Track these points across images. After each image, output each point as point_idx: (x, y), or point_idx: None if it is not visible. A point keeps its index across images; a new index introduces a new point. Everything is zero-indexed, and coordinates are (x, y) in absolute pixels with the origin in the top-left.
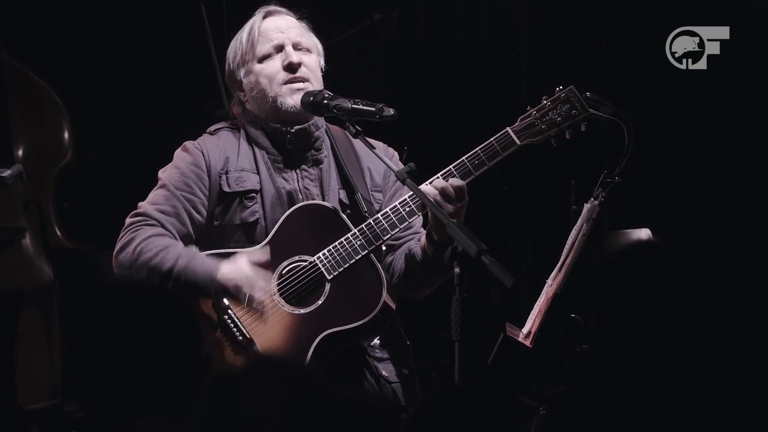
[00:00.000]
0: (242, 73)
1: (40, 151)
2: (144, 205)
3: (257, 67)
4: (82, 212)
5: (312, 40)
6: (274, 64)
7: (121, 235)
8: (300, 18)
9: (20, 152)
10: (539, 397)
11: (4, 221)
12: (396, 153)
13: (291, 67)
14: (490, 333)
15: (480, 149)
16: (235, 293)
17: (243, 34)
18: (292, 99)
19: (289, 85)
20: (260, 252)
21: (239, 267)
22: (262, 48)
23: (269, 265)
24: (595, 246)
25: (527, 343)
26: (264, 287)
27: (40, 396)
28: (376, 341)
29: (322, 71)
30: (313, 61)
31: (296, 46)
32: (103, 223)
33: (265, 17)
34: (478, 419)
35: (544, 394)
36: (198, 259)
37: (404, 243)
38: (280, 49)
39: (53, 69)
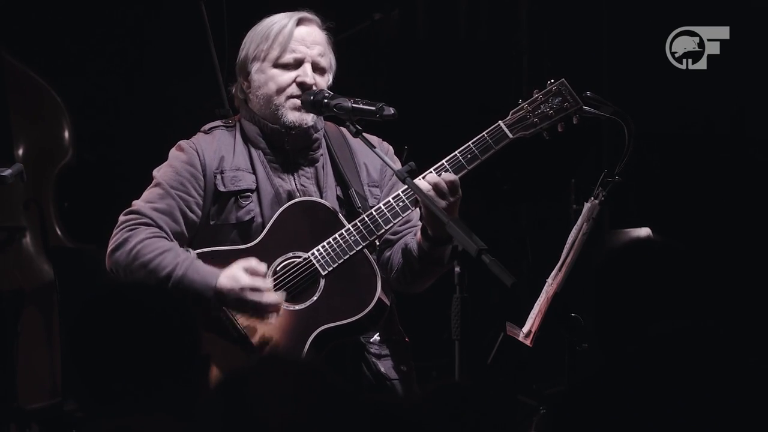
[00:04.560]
0: (254, 68)
1: (40, 150)
2: (138, 203)
3: (271, 71)
4: (83, 211)
5: (329, 59)
6: (289, 76)
7: (114, 233)
8: (325, 28)
9: (20, 151)
10: (539, 396)
11: (4, 220)
12: (390, 147)
13: (303, 86)
14: (490, 333)
15: (472, 143)
16: (234, 303)
17: (271, 30)
18: (293, 115)
19: (293, 100)
20: (252, 257)
21: (236, 276)
22: (284, 56)
23: (264, 265)
24: (595, 245)
25: (527, 342)
26: (266, 287)
27: (40, 396)
28: (376, 337)
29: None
30: (324, 83)
31: (315, 66)
32: (103, 222)
33: (298, 24)
34: (478, 418)
35: (544, 394)
36: (195, 268)
37: (402, 237)
38: (299, 63)
39: (53, 69)
